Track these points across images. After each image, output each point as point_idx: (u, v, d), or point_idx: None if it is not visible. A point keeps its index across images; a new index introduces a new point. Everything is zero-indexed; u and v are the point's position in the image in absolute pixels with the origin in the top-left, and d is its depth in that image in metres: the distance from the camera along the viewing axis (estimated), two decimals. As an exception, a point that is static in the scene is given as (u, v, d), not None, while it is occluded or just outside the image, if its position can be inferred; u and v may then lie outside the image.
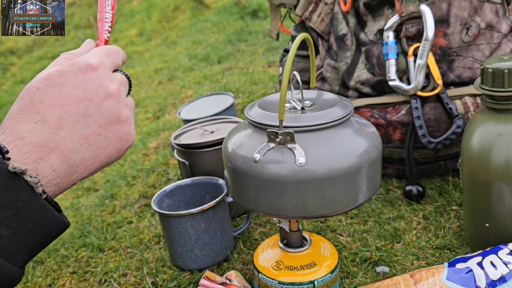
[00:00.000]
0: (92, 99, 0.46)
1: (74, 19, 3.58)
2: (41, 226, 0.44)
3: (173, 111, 1.51)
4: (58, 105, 0.45)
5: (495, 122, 0.62)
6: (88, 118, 0.46)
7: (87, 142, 0.46)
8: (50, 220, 0.45)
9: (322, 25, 0.94)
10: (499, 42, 0.82)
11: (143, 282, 0.74)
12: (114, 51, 0.52)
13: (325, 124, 0.54)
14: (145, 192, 1.04)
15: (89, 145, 0.47)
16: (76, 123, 0.45)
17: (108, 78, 0.48)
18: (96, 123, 0.47)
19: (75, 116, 0.45)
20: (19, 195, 0.42)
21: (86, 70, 0.47)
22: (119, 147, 0.49)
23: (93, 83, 0.47)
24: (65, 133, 0.45)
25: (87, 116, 0.46)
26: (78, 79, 0.46)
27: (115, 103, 0.48)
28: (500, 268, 0.56)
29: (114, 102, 0.48)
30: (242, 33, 2.14)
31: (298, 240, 0.65)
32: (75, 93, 0.46)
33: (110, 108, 0.47)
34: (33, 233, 0.44)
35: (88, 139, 0.46)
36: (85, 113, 0.46)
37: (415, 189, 0.83)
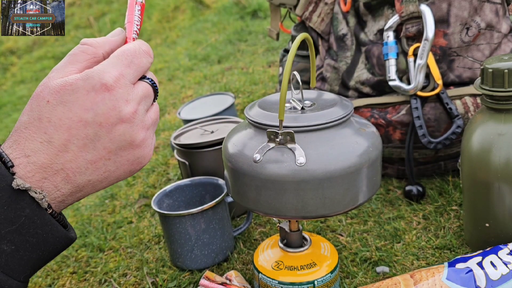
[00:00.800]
0: (102, 124, 0.43)
1: (74, 19, 3.58)
2: (45, 242, 0.42)
3: (173, 111, 1.51)
4: (65, 128, 0.42)
5: (495, 122, 0.62)
6: (96, 143, 0.43)
7: (94, 166, 0.44)
8: (54, 235, 0.43)
9: (322, 25, 0.94)
10: (499, 42, 0.82)
11: (143, 282, 0.74)
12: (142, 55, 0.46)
13: (325, 124, 0.54)
14: (145, 192, 1.04)
15: (96, 168, 0.44)
16: (83, 147, 0.43)
17: (124, 99, 0.43)
18: (105, 148, 0.44)
19: (82, 140, 0.43)
20: (23, 210, 0.41)
21: (99, 90, 0.42)
22: (130, 169, 0.46)
23: (105, 106, 0.42)
24: (71, 157, 0.43)
25: (95, 141, 0.43)
26: (90, 100, 0.42)
27: (128, 128, 0.44)
28: (500, 268, 0.56)
29: (128, 126, 0.44)
30: (242, 33, 2.14)
31: (298, 240, 0.65)
32: (84, 115, 0.42)
33: (121, 134, 0.44)
34: (36, 249, 0.42)
35: (96, 163, 0.44)
36: (93, 138, 0.43)
37: (415, 189, 0.83)
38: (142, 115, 0.45)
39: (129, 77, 0.44)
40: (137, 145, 0.45)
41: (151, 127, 0.47)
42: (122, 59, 0.45)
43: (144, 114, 0.46)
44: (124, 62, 0.45)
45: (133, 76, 0.45)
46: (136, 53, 0.46)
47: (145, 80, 0.47)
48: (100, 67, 0.44)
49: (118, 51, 0.46)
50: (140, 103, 0.45)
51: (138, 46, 0.46)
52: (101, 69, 0.43)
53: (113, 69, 0.44)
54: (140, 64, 0.46)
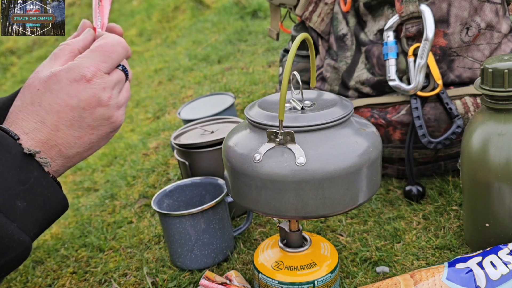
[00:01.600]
0: (85, 108, 0.52)
1: (74, 19, 3.58)
2: (49, 202, 0.51)
3: (173, 111, 1.51)
4: (54, 111, 0.51)
5: (495, 122, 0.62)
6: (81, 123, 0.53)
7: (80, 140, 0.53)
8: (57, 197, 0.51)
9: (322, 25, 0.94)
10: (499, 42, 0.82)
11: (143, 282, 0.74)
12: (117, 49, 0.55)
13: (325, 124, 0.54)
14: (145, 192, 1.04)
15: (82, 142, 0.54)
16: (70, 126, 0.52)
17: (101, 88, 0.53)
18: (88, 126, 0.53)
19: (70, 121, 0.52)
20: (32, 172, 0.49)
21: (80, 80, 0.52)
22: (108, 137, 0.57)
23: (87, 93, 0.52)
24: (61, 134, 0.52)
25: (81, 121, 0.53)
26: (73, 89, 0.52)
27: (106, 109, 0.54)
28: (500, 268, 0.56)
29: (105, 109, 0.54)
30: (242, 33, 2.14)
31: (298, 240, 0.65)
32: (69, 101, 0.51)
33: (101, 114, 0.54)
34: (43, 208, 0.50)
35: (82, 138, 0.53)
36: (79, 119, 0.52)
37: (415, 189, 0.83)
38: (116, 97, 0.55)
39: (105, 69, 0.54)
40: (113, 121, 0.55)
41: (124, 104, 0.57)
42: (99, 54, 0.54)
43: (117, 96, 0.56)
44: (101, 57, 0.54)
45: (108, 68, 0.54)
46: (112, 48, 0.55)
47: (117, 67, 0.56)
48: (79, 61, 0.53)
49: (95, 45, 0.55)
50: (114, 88, 0.55)
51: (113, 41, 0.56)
52: (80, 62, 0.53)
53: (91, 63, 0.53)
54: (115, 57, 0.55)
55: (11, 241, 0.48)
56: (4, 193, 0.47)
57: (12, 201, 0.48)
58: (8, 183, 0.48)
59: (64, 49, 0.56)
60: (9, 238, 0.48)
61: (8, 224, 0.47)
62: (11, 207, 0.48)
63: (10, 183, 0.48)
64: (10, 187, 0.48)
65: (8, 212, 0.48)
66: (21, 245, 0.49)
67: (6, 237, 0.47)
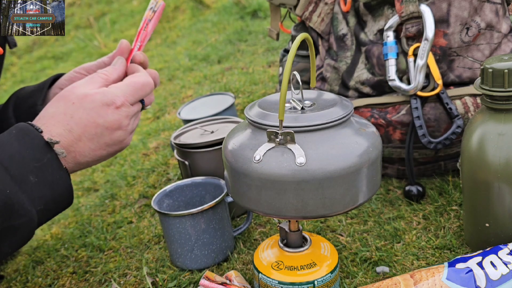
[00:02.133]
0: (108, 128, 0.62)
1: (74, 19, 3.58)
2: (57, 183, 0.58)
3: (173, 111, 1.51)
4: (82, 125, 0.60)
5: (495, 122, 0.62)
6: (100, 139, 0.62)
7: (94, 153, 0.62)
8: (63, 181, 0.58)
9: (322, 25, 0.94)
10: (499, 42, 0.82)
11: (143, 282, 0.74)
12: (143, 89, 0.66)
13: (325, 124, 0.54)
14: (145, 192, 1.04)
15: (95, 155, 0.62)
16: (91, 140, 0.61)
17: (125, 116, 0.63)
18: (105, 143, 0.62)
19: (92, 136, 0.61)
20: (46, 154, 0.57)
21: (111, 105, 0.61)
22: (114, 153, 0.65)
23: (113, 117, 0.62)
24: (81, 144, 0.60)
25: (100, 138, 0.61)
26: (103, 110, 0.61)
27: (123, 133, 0.64)
28: (500, 268, 0.56)
29: (123, 132, 0.64)
30: (242, 33, 2.14)
31: (298, 240, 0.65)
32: (97, 119, 0.61)
33: (118, 136, 0.63)
34: (50, 187, 0.57)
35: (95, 151, 0.62)
36: (100, 135, 0.61)
37: (415, 189, 0.83)
38: (132, 125, 0.66)
39: (131, 101, 0.64)
40: (125, 143, 0.65)
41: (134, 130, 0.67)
42: (131, 88, 0.64)
43: (133, 123, 0.66)
44: (131, 91, 0.64)
45: (133, 101, 0.65)
46: (141, 87, 0.66)
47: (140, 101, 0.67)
48: (113, 89, 0.63)
49: (129, 80, 0.66)
50: (132, 117, 0.65)
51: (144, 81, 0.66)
52: (114, 91, 0.63)
53: (122, 94, 0.63)
54: (142, 94, 0.66)
55: (20, 208, 0.54)
56: (21, 167, 0.55)
57: (26, 174, 0.55)
58: (25, 159, 0.55)
59: (101, 77, 0.65)
60: (19, 205, 0.54)
61: (19, 193, 0.54)
62: (24, 179, 0.55)
63: (26, 159, 0.55)
64: (25, 162, 0.55)
65: (21, 184, 0.54)
66: (27, 215, 0.55)
67: (16, 203, 0.54)
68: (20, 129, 0.57)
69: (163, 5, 0.74)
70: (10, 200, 0.53)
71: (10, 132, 0.57)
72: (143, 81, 0.66)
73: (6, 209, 0.53)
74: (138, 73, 0.68)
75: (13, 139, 0.56)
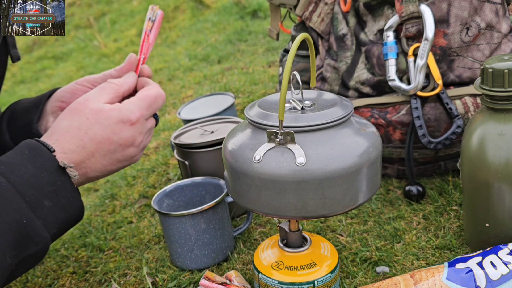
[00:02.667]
0: (122, 144, 0.61)
1: (74, 19, 3.58)
2: (70, 205, 0.57)
3: (173, 111, 1.51)
4: (97, 141, 0.59)
5: (495, 122, 0.62)
6: (112, 155, 0.61)
7: (105, 168, 0.62)
8: (76, 203, 0.58)
9: (322, 25, 0.94)
10: (499, 42, 0.82)
11: (143, 282, 0.74)
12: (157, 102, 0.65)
13: (325, 124, 0.54)
14: (145, 192, 1.04)
15: (105, 170, 0.62)
16: (103, 156, 0.60)
17: (138, 132, 0.63)
18: (116, 159, 0.62)
19: (105, 152, 0.60)
20: (59, 177, 0.56)
21: (126, 123, 0.61)
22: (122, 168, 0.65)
23: (127, 134, 0.61)
24: (94, 161, 0.60)
25: (113, 154, 0.61)
26: (118, 127, 0.61)
27: (135, 150, 0.64)
28: (500, 268, 0.56)
29: (135, 149, 0.63)
30: (242, 33, 2.14)
31: (298, 240, 0.65)
32: (112, 136, 0.60)
33: (130, 153, 0.63)
34: (64, 210, 0.56)
35: (106, 167, 0.62)
36: (113, 152, 0.61)
37: (415, 189, 0.83)
38: (145, 141, 0.65)
39: (146, 116, 0.64)
40: (135, 159, 0.65)
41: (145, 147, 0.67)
42: (145, 103, 0.64)
43: (146, 139, 0.66)
44: (145, 105, 0.64)
45: (148, 116, 0.64)
46: (154, 99, 0.65)
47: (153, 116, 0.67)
48: (128, 106, 0.62)
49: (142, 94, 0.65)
50: (145, 134, 0.65)
51: (157, 93, 0.66)
52: (129, 107, 0.62)
53: (137, 109, 0.62)
54: (155, 107, 0.65)
55: (36, 236, 0.53)
56: (36, 191, 0.54)
57: (41, 199, 0.54)
58: (40, 183, 0.54)
59: (111, 87, 0.64)
60: (34, 232, 0.53)
61: (35, 220, 0.53)
62: (40, 205, 0.54)
63: (41, 184, 0.54)
64: (41, 187, 0.54)
65: (36, 209, 0.53)
66: (42, 241, 0.54)
67: (32, 231, 0.53)
68: (33, 149, 0.56)
69: (162, 14, 0.73)
70: (26, 230, 0.52)
71: (22, 152, 0.56)
72: (156, 93, 0.65)
73: (23, 239, 0.52)
74: (149, 85, 0.67)
75: (27, 161, 0.55)
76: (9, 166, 0.54)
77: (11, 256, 0.51)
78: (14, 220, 0.51)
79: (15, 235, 0.51)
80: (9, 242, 0.50)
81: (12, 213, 0.51)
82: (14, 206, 0.52)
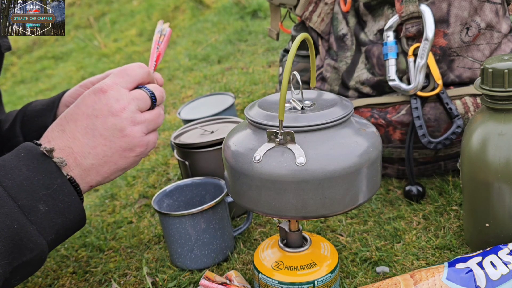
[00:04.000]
0: (98, 116, 0.56)
1: (74, 19, 3.58)
2: (69, 209, 0.54)
3: (173, 111, 1.51)
4: (73, 120, 0.56)
5: (495, 122, 0.62)
6: (94, 131, 0.56)
7: (94, 151, 0.56)
8: (75, 206, 0.54)
9: (322, 25, 0.94)
10: (499, 42, 0.82)
11: (143, 282, 0.74)
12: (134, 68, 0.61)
13: (325, 124, 0.54)
14: (145, 192, 1.04)
15: (96, 153, 0.56)
16: (85, 135, 0.56)
17: (114, 99, 0.57)
18: (101, 135, 0.56)
19: (84, 129, 0.56)
20: (55, 179, 0.53)
21: (98, 92, 0.57)
22: (125, 155, 0.58)
23: (101, 103, 0.57)
24: (77, 143, 0.56)
25: (94, 130, 0.56)
26: (91, 100, 0.57)
27: (118, 120, 0.57)
28: (500, 268, 0.56)
29: (117, 119, 0.57)
30: (242, 33, 2.14)
31: (298, 240, 0.65)
32: (86, 110, 0.57)
33: (113, 124, 0.57)
34: (62, 215, 0.53)
35: (95, 148, 0.56)
36: (92, 127, 0.56)
37: (415, 189, 0.83)
38: (132, 112, 0.58)
39: (122, 84, 0.59)
40: (126, 134, 0.57)
41: (143, 123, 0.59)
42: (118, 72, 0.60)
43: (135, 111, 0.58)
44: (119, 74, 0.59)
45: (125, 84, 0.59)
46: (130, 67, 0.61)
47: (142, 88, 0.61)
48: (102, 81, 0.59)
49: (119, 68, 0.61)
50: (130, 103, 0.58)
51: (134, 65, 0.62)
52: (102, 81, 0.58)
53: (110, 79, 0.59)
54: (132, 74, 0.60)
55: (29, 242, 0.50)
56: (29, 195, 0.51)
57: (35, 203, 0.51)
58: (34, 186, 0.51)
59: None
60: (28, 239, 0.50)
61: (28, 226, 0.50)
62: (34, 209, 0.51)
63: (35, 187, 0.51)
64: (35, 190, 0.51)
65: (30, 214, 0.51)
66: (38, 248, 0.51)
67: (25, 237, 0.50)
68: (29, 151, 0.54)
69: (170, 31, 0.73)
70: (18, 236, 0.49)
71: (18, 155, 0.53)
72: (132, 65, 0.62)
73: (15, 246, 0.49)
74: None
75: (22, 164, 0.52)
76: (3, 169, 0.52)
77: (3, 264, 0.48)
78: (4, 225, 0.48)
79: (6, 241, 0.48)
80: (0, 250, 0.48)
81: (2, 218, 0.49)
82: (5, 211, 0.49)
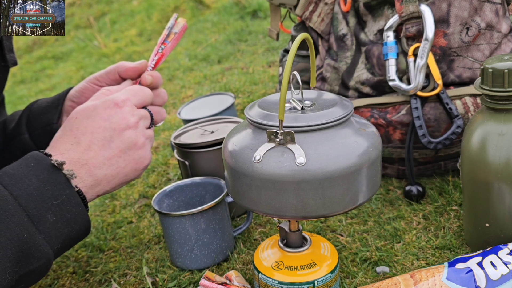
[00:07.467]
0: (115, 129, 0.59)
1: (74, 19, 3.58)
2: (75, 220, 0.55)
3: (173, 111, 1.51)
4: (89, 132, 0.58)
5: (495, 122, 0.62)
6: (111, 143, 0.59)
7: (109, 162, 0.59)
8: (82, 217, 0.56)
9: (322, 25, 0.94)
10: (499, 42, 0.82)
11: (143, 282, 0.74)
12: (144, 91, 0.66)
13: (325, 124, 0.54)
14: (145, 192, 1.04)
15: (111, 164, 0.59)
16: (102, 146, 0.58)
17: (130, 113, 0.61)
18: (117, 147, 0.59)
19: (102, 141, 0.58)
20: (64, 190, 0.54)
21: (113, 107, 0.60)
22: (135, 167, 0.62)
23: (117, 116, 0.60)
24: (93, 154, 0.58)
25: (111, 142, 0.59)
26: (106, 113, 0.59)
27: (133, 133, 0.61)
28: (500, 268, 0.56)
29: (133, 132, 0.61)
30: (242, 33, 2.14)
31: (298, 240, 0.65)
32: (103, 123, 0.59)
33: (129, 137, 0.60)
34: (69, 225, 0.54)
35: (110, 160, 0.59)
36: (109, 139, 0.59)
37: (415, 189, 0.83)
38: (143, 127, 0.63)
39: (133, 101, 0.63)
40: (140, 146, 0.62)
41: (149, 138, 0.64)
42: (130, 90, 0.64)
43: (144, 127, 0.63)
44: (131, 92, 0.64)
45: (136, 101, 0.63)
46: (140, 89, 0.66)
47: (145, 108, 0.66)
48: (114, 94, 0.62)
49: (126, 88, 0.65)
50: (141, 119, 0.63)
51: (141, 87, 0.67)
52: (115, 95, 0.62)
53: (122, 95, 0.62)
54: (142, 95, 0.65)
55: (37, 251, 0.51)
56: (39, 205, 0.52)
57: (44, 213, 0.52)
58: (43, 196, 0.52)
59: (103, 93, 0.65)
60: (35, 248, 0.51)
61: (37, 235, 0.51)
62: (42, 219, 0.52)
63: (44, 197, 0.53)
64: (44, 200, 0.52)
65: (38, 223, 0.52)
66: (44, 257, 0.52)
67: (33, 246, 0.51)
68: (39, 162, 0.54)
69: (185, 26, 0.72)
70: (27, 245, 0.50)
71: (28, 164, 0.54)
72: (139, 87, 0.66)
73: (24, 255, 0.50)
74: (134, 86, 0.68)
75: (31, 174, 0.53)
76: (13, 178, 0.53)
77: (10, 272, 0.49)
78: (15, 234, 0.50)
79: (15, 250, 0.50)
80: (9, 258, 0.49)
81: (13, 227, 0.50)
82: (15, 220, 0.50)
